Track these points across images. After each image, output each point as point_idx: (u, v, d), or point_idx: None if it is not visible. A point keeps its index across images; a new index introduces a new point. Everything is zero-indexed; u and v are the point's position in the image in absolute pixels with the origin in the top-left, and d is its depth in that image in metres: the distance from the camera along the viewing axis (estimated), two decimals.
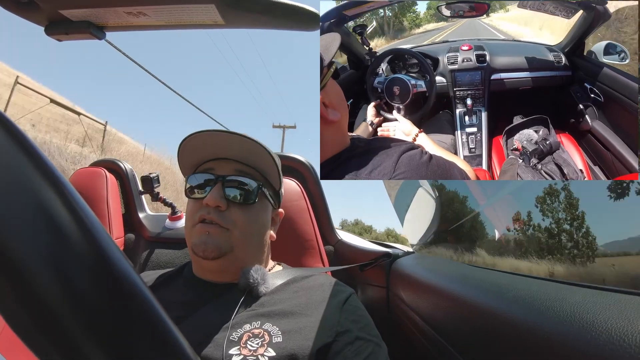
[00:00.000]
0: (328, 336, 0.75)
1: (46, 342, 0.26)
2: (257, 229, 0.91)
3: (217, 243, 0.83)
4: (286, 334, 0.73)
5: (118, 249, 0.30)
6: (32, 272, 0.26)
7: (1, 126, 0.27)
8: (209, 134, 0.87)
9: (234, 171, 0.89)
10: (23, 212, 0.26)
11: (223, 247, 0.84)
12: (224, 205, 0.85)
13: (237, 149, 0.89)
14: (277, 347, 0.70)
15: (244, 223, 0.87)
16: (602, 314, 0.47)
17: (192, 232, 0.86)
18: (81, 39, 0.71)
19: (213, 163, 0.91)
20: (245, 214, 0.87)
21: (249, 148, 0.88)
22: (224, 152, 0.90)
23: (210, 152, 0.91)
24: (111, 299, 0.28)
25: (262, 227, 0.93)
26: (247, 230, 0.88)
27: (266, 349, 0.70)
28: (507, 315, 0.62)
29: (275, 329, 0.74)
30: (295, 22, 0.66)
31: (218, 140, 0.88)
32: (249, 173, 0.90)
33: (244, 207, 0.87)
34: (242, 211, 0.87)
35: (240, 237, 0.86)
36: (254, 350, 0.69)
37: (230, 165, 0.90)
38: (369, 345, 0.78)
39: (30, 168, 0.27)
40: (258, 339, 0.72)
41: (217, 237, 0.84)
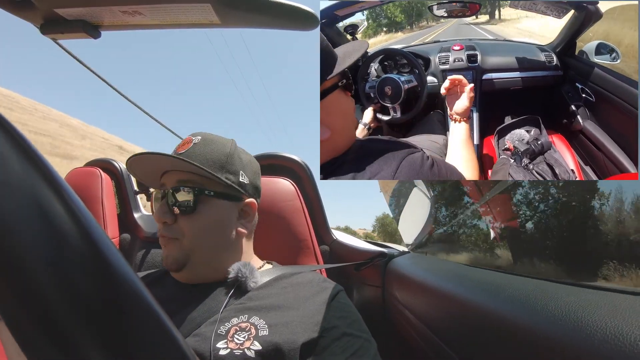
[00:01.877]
0: (313, 331, 0.75)
1: (44, 341, 0.26)
2: (210, 230, 0.90)
3: (174, 256, 0.86)
4: (272, 327, 0.74)
5: (114, 247, 0.30)
6: (29, 271, 0.25)
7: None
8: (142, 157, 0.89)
9: (176, 182, 0.89)
10: (18, 210, 0.26)
11: (180, 258, 0.86)
12: (171, 219, 0.87)
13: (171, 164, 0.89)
14: (263, 340, 0.71)
15: (191, 230, 0.87)
16: (596, 312, 0.47)
17: None
18: (76, 38, 0.70)
19: (165, 176, 0.92)
20: (191, 222, 0.88)
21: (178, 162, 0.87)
22: (166, 166, 0.91)
23: (157, 167, 0.92)
24: (109, 298, 0.28)
25: (216, 227, 0.91)
26: (196, 235, 0.88)
27: (252, 342, 0.70)
28: (502, 314, 0.62)
29: (262, 322, 0.74)
30: (293, 22, 0.66)
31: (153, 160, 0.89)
32: (190, 181, 0.89)
33: (188, 216, 0.88)
34: (188, 219, 0.87)
35: (192, 244, 0.87)
36: (240, 343, 0.70)
37: (176, 177, 0.90)
38: (358, 341, 0.78)
39: (26, 166, 0.27)
40: (245, 332, 0.72)
41: (172, 251, 0.87)
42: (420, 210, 1.69)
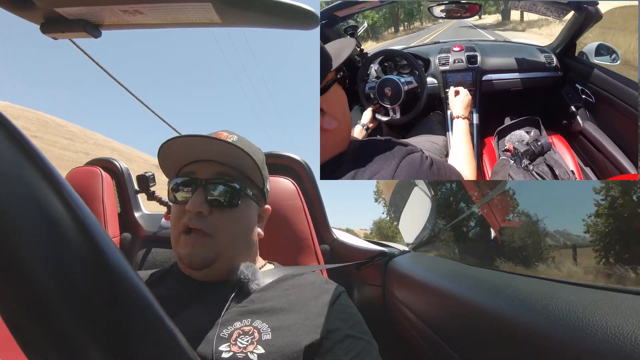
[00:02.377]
0: (316, 333, 0.75)
1: (44, 341, 0.26)
2: (242, 230, 0.91)
3: (203, 254, 0.83)
4: (275, 331, 0.73)
5: (115, 246, 0.30)
6: (30, 270, 0.25)
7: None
8: (189, 138, 0.86)
9: (215, 174, 0.87)
10: (20, 209, 0.26)
11: (209, 257, 0.84)
12: (207, 210, 0.84)
13: (217, 151, 0.87)
14: (267, 344, 0.70)
15: (228, 227, 0.86)
16: (597, 312, 0.47)
17: (178, 242, 0.86)
18: (77, 37, 0.70)
19: (195, 166, 0.89)
20: (228, 218, 0.86)
21: (226, 150, 0.87)
22: (204, 154, 0.88)
23: (190, 155, 0.89)
24: (109, 297, 0.28)
25: (247, 227, 0.92)
26: (231, 234, 0.87)
27: (255, 346, 0.70)
28: (502, 313, 0.62)
29: (264, 326, 0.74)
30: (293, 21, 0.66)
31: (197, 144, 0.86)
32: (230, 175, 0.88)
33: (226, 211, 0.86)
34: (225, 215, 0.86)
35: (225, 242, 0.86)
36: (243, 347, 0.70)
37: (212, 168, 0.88)
38: (360, 343, 0.78)
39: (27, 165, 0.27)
40: (248, 336, 0.72)
41: (202, 248, 0.83)
42: (420, 209, 1.69)
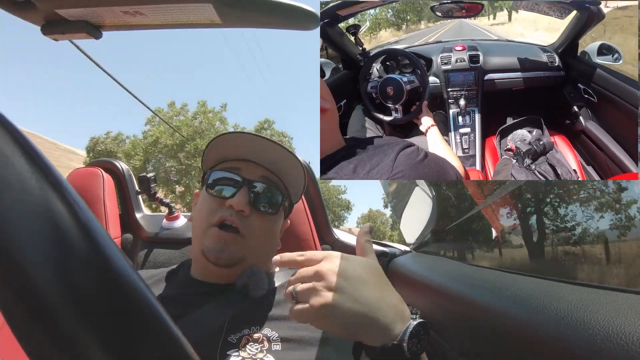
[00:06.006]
0: (327, 344, 0.75)
1: (45, 342, 0.26)
2: (271, 239, 0.92)
3: (232, 253, 0.83)
4: (285, 342, 0.73)
5: (116, 247, 0.30)
6: (32, 272, 0.25)
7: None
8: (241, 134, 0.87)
9: (261, 178, 0.88)
10: (20, 211, 0.26)
11: (236, 256, 0.84)
12: (248, 210, 0.84)
13: (266, 155, 0.88)
14: (277, 355, 0.70)
15: (261, 232, 0.87)
16: (599, 312, 0.47)
17: (207, 234, 0.85)
18: (77, 38, 0.71)
19: (239, 163, 0.89)
20: (263, 223, 0.87)
21: (278, 157, 0.87)
22: (252, 155, 0.89)
23: (237, 152, 0.89)
24: (111, 298, 0.28)
25: (275, 237, 0.94)
26: (262, 239, 0.87)
27: (265, 355, 0.69)
28: (504, 313, 0.62)
29: (274, 334, 0.73)
30: (293, 22, 0.66)
31: (249, 142, 0.87)
32: (275, 182, 0.89)
33: (265, 217, 0.87)
34: (262, 220, 0.86)
35: (254, 246, 0.86)
36: (253, 354, 0.69)
37: (257, 170, 0.88)
38: None
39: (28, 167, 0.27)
40: (257, 344, 0.71)
41: (233, 247, 0.83)
42: (421, 209, 1.69)
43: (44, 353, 0.26)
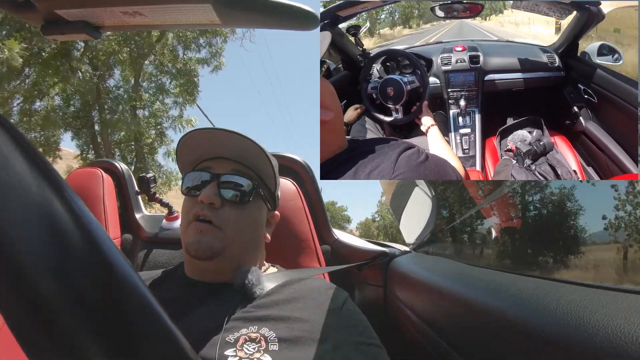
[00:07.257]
0: (325, 345, 0.75)
1: (45, 344, 0.26)
2: (251, 228, 0.91)
3: (210, 243, 0.83)
4: (282, 342, 0.72)
5: (116, 247, 0.30)
6: (31, 273, 0.25)
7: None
8: (208, 131, 0.89)
9: (230, 170, 0.89)
10: (20, 211, 0.26)
11: (215, 247, 0.84)
12: (218, 203, 0.85)
13: (234, 149, 0.89)
14: (274, 355, 0.70)
15: (237, 222, 0.87)
16: (599, 312, 0.47)
17: (187, 232, 0.87)
18: (77, 38, 0.71)
19: (211, 162, 0.92)
20: (238, 214, 0.87)
21: (246, 148, 0.89)
22: (221, 151, 0.91)
23: (208, 150, 0.92)
24: (111, 298, 0.28)
25: (256, 227, 0.93)
26: (240, 229, 0.87)
27: (263, 354, 0.69)
28: (504, 313, 0.62)
29: (272, 334, 0.73)
30: (293, 22, 0.66)
31: (216, 139, 0.89)
32: (245, 173, 0.90)
33: (237, 207, 0.87)
34: (236, 210, 0.87)
35: (233, 237, 0.86)
36: (250, 354, 0.69)
37: (227, 165, 0.90)
38: (370, 349, 0.78)
39: (28, 167, 0.27)
40: (255, 343, 0.71)
41: (210, 237, 0.84)
42: (421, 209, 1.69)
43: (43, 353, 0.26)
